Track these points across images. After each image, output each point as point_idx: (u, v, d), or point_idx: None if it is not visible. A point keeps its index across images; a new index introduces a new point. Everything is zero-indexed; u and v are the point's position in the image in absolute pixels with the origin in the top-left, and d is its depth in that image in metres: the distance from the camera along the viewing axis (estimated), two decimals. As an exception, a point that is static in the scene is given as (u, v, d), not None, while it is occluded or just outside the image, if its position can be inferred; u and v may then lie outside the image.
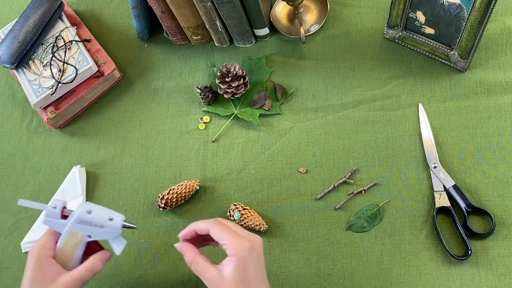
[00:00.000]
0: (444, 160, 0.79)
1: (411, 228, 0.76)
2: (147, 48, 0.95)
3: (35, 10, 0.90)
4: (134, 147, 0.88)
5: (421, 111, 0.82)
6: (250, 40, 0.90)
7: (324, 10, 0.91)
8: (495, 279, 0.72)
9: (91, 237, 0.66)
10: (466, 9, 0.73)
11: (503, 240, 0.73)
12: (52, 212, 0.66)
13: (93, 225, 0.65)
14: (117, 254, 0.67)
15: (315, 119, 0.85)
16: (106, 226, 0.66)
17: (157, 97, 0.91)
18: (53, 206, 0.66)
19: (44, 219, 0.66)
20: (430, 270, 0.73)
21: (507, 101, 0.81)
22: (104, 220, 0.66)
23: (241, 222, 0.78)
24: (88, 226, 0.65)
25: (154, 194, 0.84)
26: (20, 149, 0.91)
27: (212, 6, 0.81)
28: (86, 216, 0.65)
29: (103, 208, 0.67)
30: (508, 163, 0.77)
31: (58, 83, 0.87)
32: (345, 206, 0.79)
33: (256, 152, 0.84)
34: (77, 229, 0.65)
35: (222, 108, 0.88)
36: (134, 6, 0.87)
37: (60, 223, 0.66)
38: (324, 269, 0.76)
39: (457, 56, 0.81)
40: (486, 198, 0.76)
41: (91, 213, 0.66)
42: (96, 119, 0.91)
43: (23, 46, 0.88)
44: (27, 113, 0.93)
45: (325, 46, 0.90)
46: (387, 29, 0.86)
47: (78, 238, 0.66)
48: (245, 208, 0.79)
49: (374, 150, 0.81)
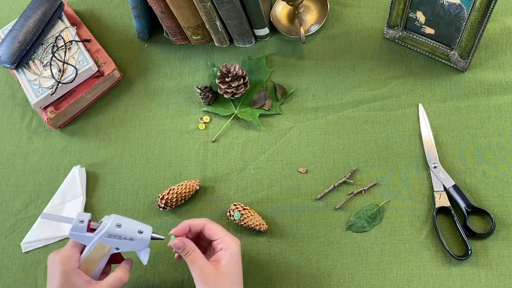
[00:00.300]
0: (444, 160, 0.79)
1: (411, 228, 0.76)
2: (147, 48, 0.95)
3: (35, 10, 0.90)
4: (134, 147, 0.88)
5: (421, 111, 0.82)
6: (250, 40, 0.90)
7: (324, 10, 0.91)
8: (495, 279, 0.72)
9: (118, 249, 0.67)
10: (466, 9, 0.73)
11: (503, 240, 0.73)
12: (79, 226, 0.65)
13: (122, 239, 0.66)
14: (144, 263, 0.68)
15: (315, 119, 0.85)
16: (136, 239, 0.66)
17: (157, 97, 0.91)
18: (80, 220, 0.65)
19: (70, 232, 0.65)
20: (430, 270, 0.73)
21: (507, 101, 0.81)
22: (134, 233, 0.66)
23: (241, 222, 0.78)
24: (116, 240, 0.66)
25: (154, 194, 0.84)
26: (20, 149, 0.91)
27: (212, 6, 0.81)
28: (115, 230, 0.65)
29: (131, 221, 0.67)
30: (508, 163, 0.77)
31: (58, 83, 0.87)
32: (345, 206, 0.79)
33: (256, 152, 0.84)
34: (105, 242, 0.65)
35: (222, 108, 0.88)
36: (134, 6, 0.87)
37: (86, 236, 0.65)
38: (324, 269, 0.76)
39: (457, 56, 0.81)
40: (486, 198, 0.76)
41: (121, 227, 0.66)
42: (96, 119, 0.91)
43: (23, 46, 0.88)
44: (27, 113, 0.93)
45: (325, 46, 0.90)
46: (387, 29, 0.86)
47: (106, 251, 0.66)
48: (245, 208, 0.79)
49: (374, 150, 0.81)
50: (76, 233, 0.65)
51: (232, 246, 0.67)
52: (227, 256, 0.67)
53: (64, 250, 0.66)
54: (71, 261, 0.65)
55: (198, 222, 0.70)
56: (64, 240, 0.83)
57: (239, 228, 0.79)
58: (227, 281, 0.65)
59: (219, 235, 0.68)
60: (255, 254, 0.78)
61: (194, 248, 0.67)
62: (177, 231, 0.68)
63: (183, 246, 0.66)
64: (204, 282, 0.65)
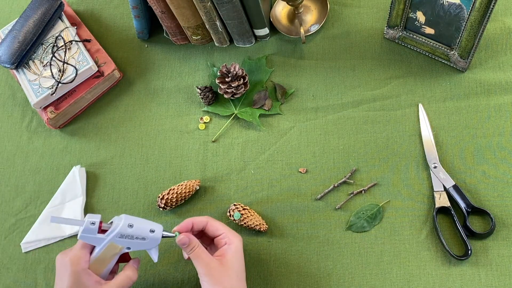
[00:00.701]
0: (444, 160, 0.79)
1: (411, 228, 0.76)
2: (147, 48, 0.95)
3: (35, 10, 0.90)
4: (134, 147, 0.88)
5: (421, 111, 0.82)
6: (250, 40, 0.90)
7: (324, 10, 0.91)
8: (495, 279, 0.72)
9: (130, 249, 0.67)
10: (466, 9, 0.73)
11: (503, 240, 0.73)
12: (90, 228, 0.65)
13: (134, 238, 0.66)
14: (155, 261, 0.69)
15: (315, 119, 0.85)
16: (148, 238, 0.66)
17: (157, 97, 0.91)
18: (92, 222, 0.64)
19: (80, 234, 0.65)
20: (430, 270, 0.73)
21: (507, 101, 0.81)
22: (146, 233, 0.66)
23: (241, 222, 0.78)
24: (128, 239, 0.66)
25: (154, 194, 0.84)
26: (20, 149, 0.91)
27: (212, 6, 0.81)
28: (127, 230, 0.65)
29: (143, 220, 0.67)
30: (508, 163, 0.77)
31: (58, 83, 0.87)
32: (345, 206, 0.79)
33: (256, 152, 0.84)
34: (117, 243, 0.65)
35: (222, 108, 0.88)
36: (134, 6, 0.87)
37: (98, 238, 0.65)
38: (324, 269, 0.76)
39: (457, 56, 0.81)
40: (486, 198, 0.76)
41: (133, 227, 0.66)
42: (96, 119, 0.91)
43: (23, 46, 0.88)
44: (27, 113, 0.93)
45: (325, 46, 0.90)
46: (387, 29, 0.86)
47: (117, 250, 0.66)
48: (245, 208, 0.79)
49: (374, 150, 0.81)
50: (87, 235, 0.65)
51: (236, 241, 0.69)
52: (231, 250, 0.67)
53: (74, 250, 0.66)
54: (81, 262, 0.65)
55: (200, 219, 0.71)
56: (64, 240, 0.83)
57: (239, 228, 0.79)
58: (232, 275, 0.66)
59: (222, 230, 0.70)
60: (255, 254, 0.78)
61: (198, 243, 0.67)
62: (181, 228, 0.69)
63: (188, 242, 0.67)
64: (209, 277, 0.65)
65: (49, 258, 0.82)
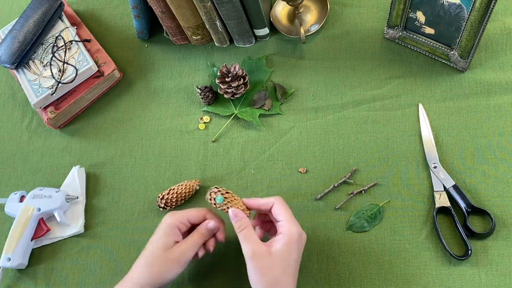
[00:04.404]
0: (444, 160, 0.79)
1: (411, 228, 0.76)
2: (147, 48, 0.95)
3: (35, 10, 0.90)
4: (134, 147, 0.88)
5: (421, 111, 0.82)
6: (250, 40, 0.90)
7: (324, 10, 0.91)
8: (495, 279, 0.72)
9: (40, 210, 0.81)
10: (466, 9, 0.73)
11: (503, 240, 0.73)
12: (13, 197, 0.83)
13: (43, 197, 0.82)
14: (58, 221, 0.81)
15: (315, 119, 0.85)
16: (53, 196, 0.82)
17: (157, 97, 0.91)
18: (15, 193, 0.84)
19: (6, 205, 0.83)
20: (430, 270, 0.73)
21: (507, 101, 0.81)
22: (52, 192, 0.82)
23: (223, 206, 0.71)
24: (38, 199, 0.82)
25: (154, 194, 0.84)
26: (20, 149, 0.91)
27: (212, 6, 0.81)
28: (37, 192, 0.83)
29: None
30: (508, 163, 0.77)
31: (58, 83, 0.87)
32: (345, 206, 0.79)
33: (256, 152, 0.84)
34: (30, 204, 0.81)
35: (222, 108, 0.88)
36: (134, 6, 0.87)
37: (17, 204, 0.83)
38: (324, 269, 0.76)
39: (457, 56, 0.81)
40: (486, 198, 0.76)
41: (42, 190, 0.83)
42: (96, 119, 0.91)
43: (23, 46, 0.88)
44: (27, 113, 0.93)
45: (325, 46, 0.90)
46: (387, 29, 0.86)
47: (29, 212, 0.81)
48: (228, 192, 0.71)
49: (374, 150, 0.81)
50: (11, 203, 0.83)
51: (292, 232, 0.64)
52: (283, 241, 0.64)
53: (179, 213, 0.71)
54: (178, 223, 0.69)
55: (267, 201, 0.68)
56: (64, 240, 0.83)
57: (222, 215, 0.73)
58: (277, 266, 0.63)
59: (284, 216, 0.66)
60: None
61: (248, 224, 0.66)
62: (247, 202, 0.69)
63: (240, 215, 0.66)
64: (254, 261, 0.63)
65: (49, 258, 0.82)
